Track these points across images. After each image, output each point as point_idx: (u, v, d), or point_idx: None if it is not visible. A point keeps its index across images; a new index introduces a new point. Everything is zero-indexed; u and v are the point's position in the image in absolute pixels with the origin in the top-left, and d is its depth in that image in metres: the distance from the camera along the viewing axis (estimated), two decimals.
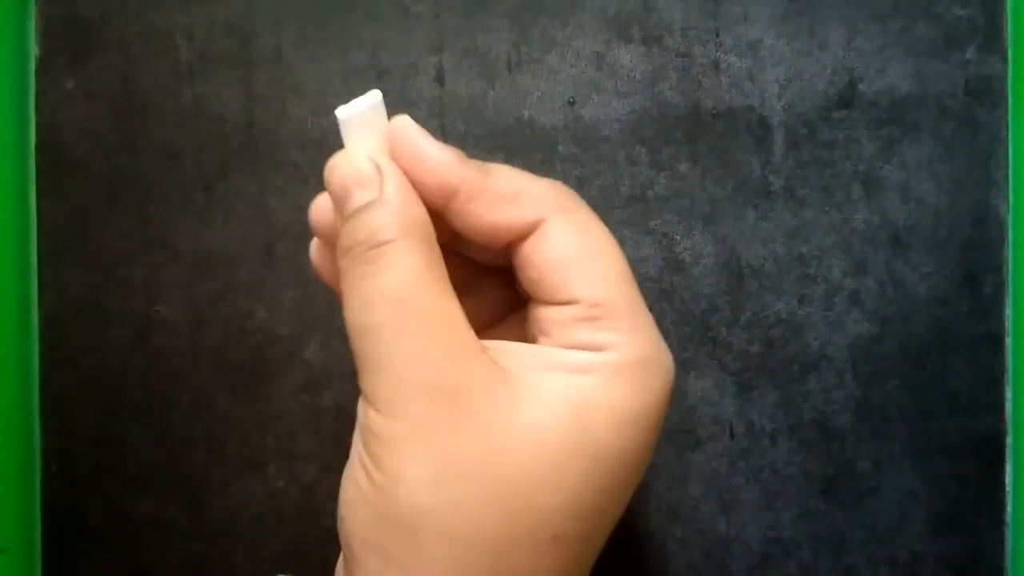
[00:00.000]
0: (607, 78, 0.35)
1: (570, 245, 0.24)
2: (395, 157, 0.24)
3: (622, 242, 0.35)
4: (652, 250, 0.35)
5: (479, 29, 0.35)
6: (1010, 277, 0.35)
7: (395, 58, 0.35)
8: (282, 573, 0.35)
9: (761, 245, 0.35)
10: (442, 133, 0.35)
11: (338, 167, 0.24)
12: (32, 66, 0.35)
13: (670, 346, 0.25)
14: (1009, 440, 0.35)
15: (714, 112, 0.35)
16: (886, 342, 0.35)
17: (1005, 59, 0.35)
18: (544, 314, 0.24)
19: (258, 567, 0.35)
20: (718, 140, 0.35)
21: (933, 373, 0.35)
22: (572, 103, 0.35)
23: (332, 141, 0.24)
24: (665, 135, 0.35)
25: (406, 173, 0.24)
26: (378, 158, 0.24)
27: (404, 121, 0.24)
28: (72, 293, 0.35)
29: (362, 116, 0.24)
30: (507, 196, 0.24)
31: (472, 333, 0.23)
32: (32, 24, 0.35)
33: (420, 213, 0.23)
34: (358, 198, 0.23)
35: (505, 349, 0.24)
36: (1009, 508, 0.35)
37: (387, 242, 0.23)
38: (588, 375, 0.23)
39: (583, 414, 0.22)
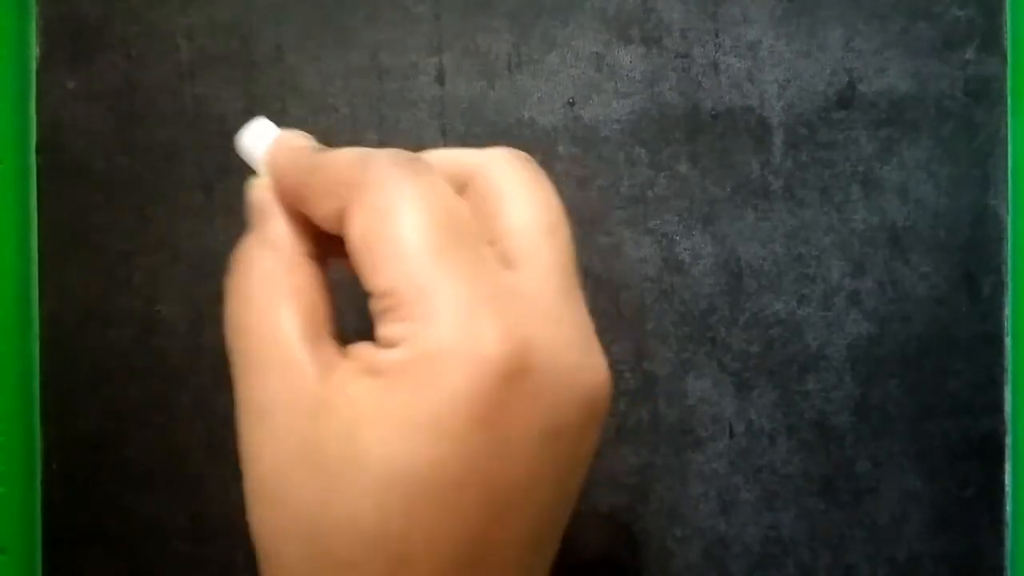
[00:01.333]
0: (607, 79, 0.35)
1: (359, 231, 0.22)
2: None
3: (622, 242, 0.35)
4: (652, 250, 0.35)
5: (479, 29, 0.35)
6: (1009, 277, 0.35)
7: (395, 58, 0.35)
8: None
9: (760, 245, 0.35)
10: (442, 133, 0.35)
11: (246, 192, 0.26)
12: (33, 66, 0.35)
13: (669, 347, 0.25)
14: (1008, 440, 0.35)
15: (713, 113, 0.35)
16: (885, 342, 0.35)
17: (1004, 60, 0.35)
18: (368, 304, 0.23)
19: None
20: (717, 141, 0.35)
21: (932, 373, 0.35)
22: (572, 103, 0.35)
23: (332, 141, 0.25)
24: (665, 136, 0.35)
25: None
26: (265, 187, 0.25)
27: (277, 143, 0.26)
28: (73, 293, 0.35)
29: (251, 141, 0.26)
30: (323, 190, 0.23)
31: (304, 345, 0.22)
32: (33, 24, 0.35)
33: (273, 231, 0.24)
34: (251, 226, 0.25)
35: (353, 351, 0.22)
36: (1008, 508, 0.35)
37: (237, 262, 0.24)
38: (375, 379, 0.21)
39: (359, 424, 0.21)
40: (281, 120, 0.35)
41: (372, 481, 0.20)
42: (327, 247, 0.24)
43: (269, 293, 0.23)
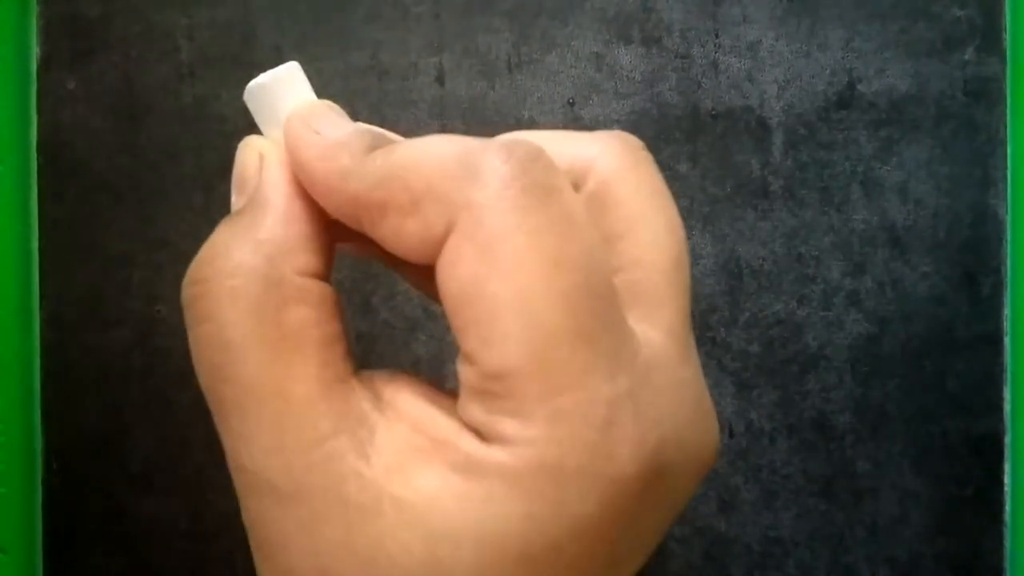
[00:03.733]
0: (607, 79, 0.35)
1: (465, 279, 0.16)
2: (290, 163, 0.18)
3: None
4: None
5: (479, 30, 0.35)
6: (1008, 277, 0.35)
7: (395, 58, 0.35)
8: None
9: (760, 245, 0.35)
10: (442, 133, 0.35)
11: (238, 153, 0.19)
12: (33, 66, 0.35)
13: None
14: (1007, 440, 0.35)
15: (713, 113, 0.35)
16: (885, 342, 0.35)
17: (1004, 60, 0.35)
18: (458, 365, 0.17)
19: None
20: (717, 141, 0.35)
21: (932, 373, 0.35)
22: (572, 103, 0.35)
23: None
24: (664, 136, 0.35)
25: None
26: (271, 154, 0.19)
27: (299, 114, 0.19)
28: (73, 293, 0.35)
29: (273, 89, 0.18)
30: (401, 203, 0.17)
31: (329, 407, 0.17)
32: (34, 24, 0.35)
33: (272, 229, 0.18)
34: (233, 203, 0.18)
35: (401, 410, 0.17)
36: (1007, 507, 0.35)
37: (205, 280, 0.18)
38: (468, 478, 0.16)
39: (437, 541, 0.16)
40: None
41: None
42: (338, 232, 0.19)
43: (267, 333, 0.17)
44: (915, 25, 0.35)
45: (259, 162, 0.18)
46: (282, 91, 0.18)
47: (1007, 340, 0.35)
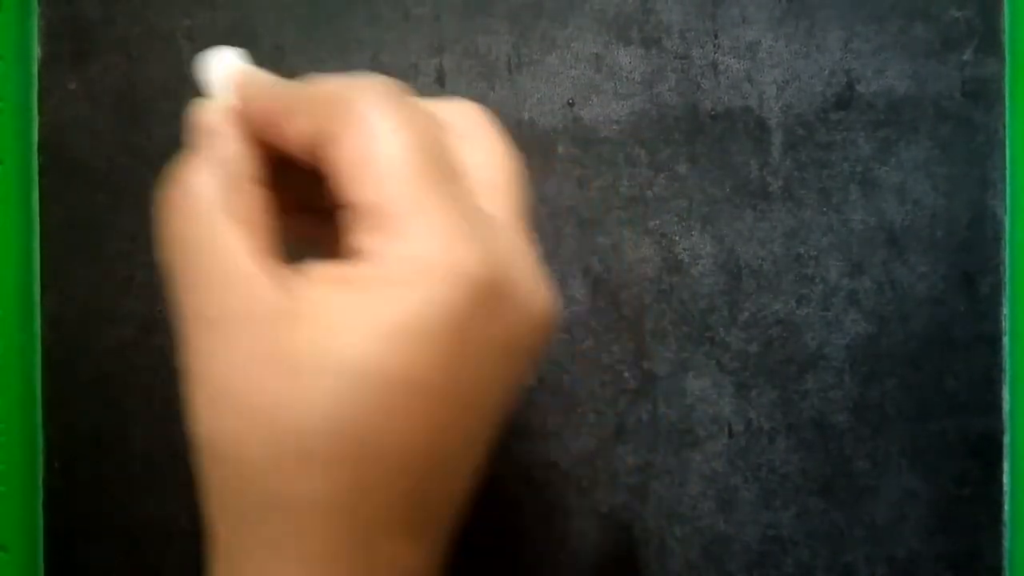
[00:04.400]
0: (606, 80, 0.35)
1: (348, 149, 0.23)
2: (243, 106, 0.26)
3: (622, 243, 0.35)
4: (651, 250, 0.35)
5: (479, 30, 0.35)
6: (1007, 277, 0.35)
7: (395, 59, 0.35)
8: None
9: (759, 245, 0.35)
10: None
11: (193, 111, 0.26)
12: (35, 67, 0.35)
13: (668, 346, 0.25)
14: (1006, 439, 0.35)
15: (712, 113, 0.35)
16: (884, 342, 0.35)
17: (1002, 60, 0.35)
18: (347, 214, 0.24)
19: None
20: (716, 141, 0.35)
21: (931, 373, 0.35)
22: (572, 104, 0.35)
23: None
24: (664, 136, 0.35)
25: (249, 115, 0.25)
26: (218, 105, 0.26)
27: (242, 68, 0.26)
28: (75, 293, 0.36)
29: (215, 64, 0.26)
30: (305, 110, 0.24)
31: (254, 259, 0.23)
32: (35, 25, 0.35)
33: (229, 152, 0.25)
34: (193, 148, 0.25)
35: (306, 269, 0.23)
36: (1006, 507, 0.35)
37: (182, 183, 0.24)
38: (347, 288, 0.22)
39: (333, 331, 0.22)
40: None
41: (343, 380, 0.21)
42: (276, 182, 0.25)
43: (216, 210, 0.23)
44: (913, 26, 0.35)
45: (211, 112, 0.25)
46: (223, 63, 0.26)
47: (1006, 340, 0.35)
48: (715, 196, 0.35)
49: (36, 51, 0.35)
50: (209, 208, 0.24)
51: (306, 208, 0.26)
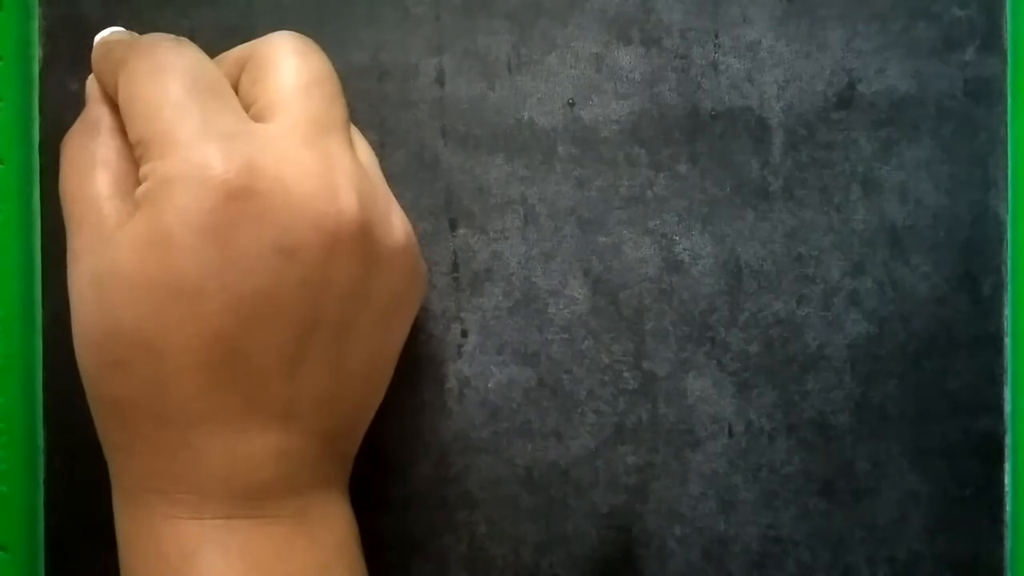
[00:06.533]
0: (606, 79, 0.35)
1: (121, 95, 0.27)
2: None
3: (622, 242, 0.35)
4: (651, 250, 0.35)
5: (479, 30, 0.35)
6: (1009, 277, 0.35)
7: (396, 59, 0.35)
8: None
9: (760, 245, 0.35)
10: (442, 134, 0.35)
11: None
12: (36, 68, 0.35)
13: (668, 346, 0.25)
14: (1008, 440, 0.35)
15: (713, 113, 0.35)
16: (885, 342, 0.35)
17: (1004, 60, 0.35)
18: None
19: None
20: (717, 141, 0.35)
21: (932, 373, 0.35)
22: (572, 104, 0.35)
23: None
24: (664, 136, 0.35)
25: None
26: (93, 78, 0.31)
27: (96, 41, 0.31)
28: None
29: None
30: (109, 69, 0.29)
31: (106, 198, 0.27)
32: (35, 26, 0.35)
33: (92, 113, 0.29)
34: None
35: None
36: (1008, 508, 0.35)
37: (68, 138, 0.30)
38: (134, 209, 0.26)
39: (118, 248, 0.25)
40: None
41: (127, 292, 0.25)
42: None
43: (84, 162, 0.28)
44: (915, 25, 0.35)
45: (89, 80, 0.30)
46: (100, 36, 0.31)
47: (1007, 340, 0.35)
48: (715, 196, 0.35)
49: (37, 51, 0.35)
50: (79, 161, 0.28)
51: None
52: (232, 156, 0.25)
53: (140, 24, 0.35)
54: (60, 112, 0.35)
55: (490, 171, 0.35)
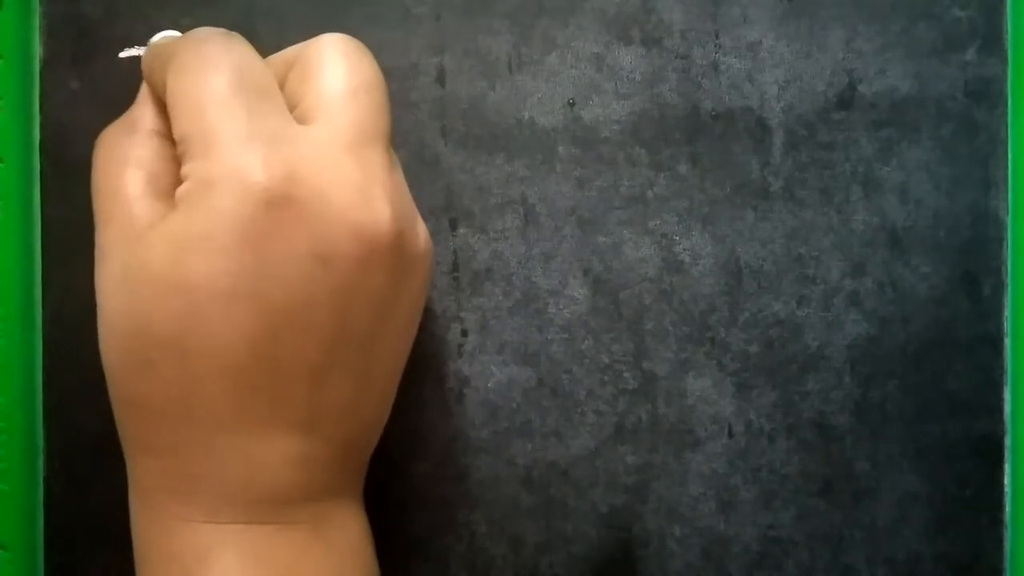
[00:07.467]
0: (607, 79, 0.35)
1: (168, 91, 0.26)
2: None
3: (622, 243, 0.35)
4: (651, 250, 0.35)
5: (480, 30, 0.35)
6: (1009, 278, 0.35)
7: (396, 59, 0.35)
8: None
9: (760, 246, 0.35)
10: (443, 134, 0.35)
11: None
12: (36, 67, 0.35)
13: (668, 346, 0.25)
14: (1007, 441, 0.35)
15: (713, 113, 0.35)
16: (885, 343, 0.35)
17: (1005, 60, 0.35)
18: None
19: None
20: (717, 141, 0.35)
21: (932, 374, 0.35)
22: (572, 104, 0.35)
23: None
24: (664, 136, 0.35)
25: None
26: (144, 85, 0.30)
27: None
28: (76, 292, 0.36)
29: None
30: (158, 67, 0.28)
31: (140, 197, 0.27)
32: (36, 24, 0.35)
33: (134, 113, 0.29)
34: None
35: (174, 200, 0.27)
36: (1007, 508, 0.35)
37: (103, 138, 0.30)
38: (173, 209, 0.25)
39: (153, 249, 0.25)
40: None
41: (158, 291, 0.25)
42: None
43: (117, 160, 0.27)
44: (916, 26, 0.35)
45: (141, 88, 0.30)
46: (155, 38, 0.31)
47: (1007, 341, 0.35)
48: (716, 196, 0.35)
49: (38, 50, 0.35)
50: (114, 159, 0.28)
51: None
52: (274, 163, 0.24)
53: (142, 24, 0.36)
54: (60, 112, 0.35)
55: (490, 171, 0.35)
